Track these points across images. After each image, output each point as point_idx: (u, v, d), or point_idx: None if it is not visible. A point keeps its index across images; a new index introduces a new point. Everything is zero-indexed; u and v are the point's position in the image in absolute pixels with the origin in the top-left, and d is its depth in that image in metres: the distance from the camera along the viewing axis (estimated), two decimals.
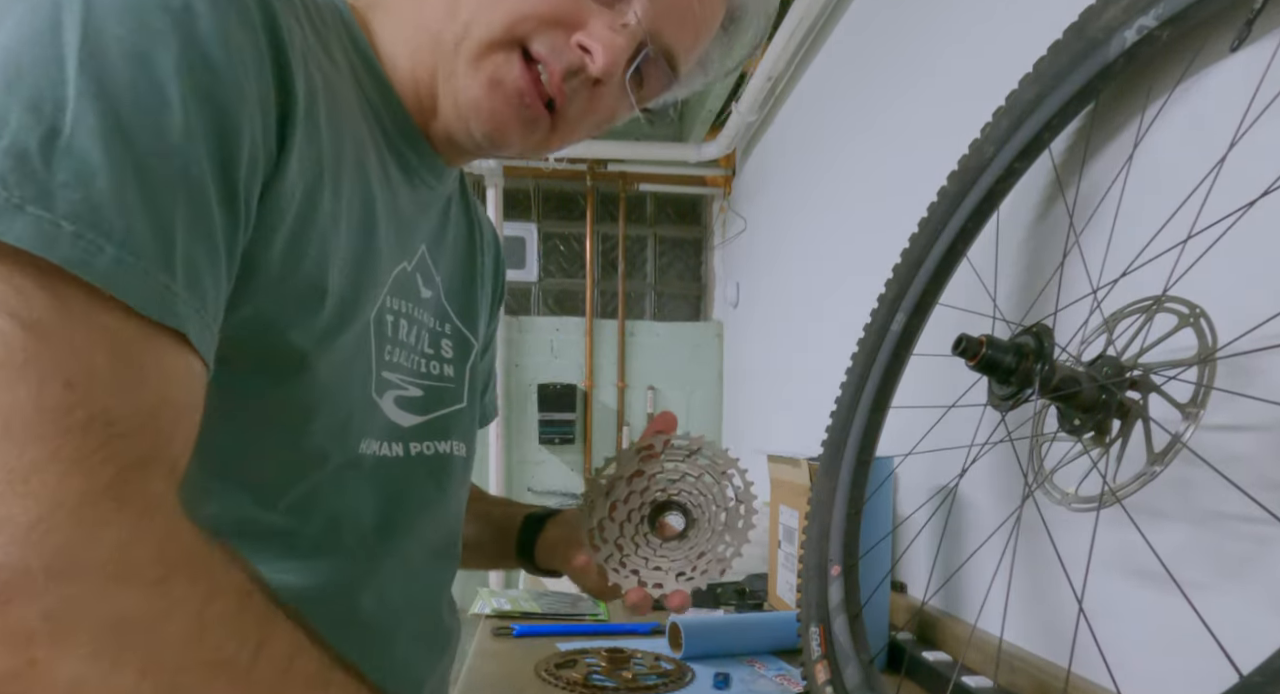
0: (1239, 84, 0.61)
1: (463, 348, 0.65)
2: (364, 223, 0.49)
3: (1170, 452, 0.55)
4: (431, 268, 0.60)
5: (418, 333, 0.58)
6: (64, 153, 0.31)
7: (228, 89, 0.36)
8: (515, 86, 0.50)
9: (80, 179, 0.31)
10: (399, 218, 0.54)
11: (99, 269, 0.31)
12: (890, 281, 0.90)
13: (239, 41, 0.37)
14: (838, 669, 0.79)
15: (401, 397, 0.56)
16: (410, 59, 0.52)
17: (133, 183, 0.32)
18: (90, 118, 0.32)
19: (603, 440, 3.15)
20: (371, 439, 0.53)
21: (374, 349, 0.52)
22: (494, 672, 0.97)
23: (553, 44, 0.49)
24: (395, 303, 0.54)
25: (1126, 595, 0.70)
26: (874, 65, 1.45)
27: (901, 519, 1.08)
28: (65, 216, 0.30)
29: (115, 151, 0.32)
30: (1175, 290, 0.58)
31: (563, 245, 3.34)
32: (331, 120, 0.45)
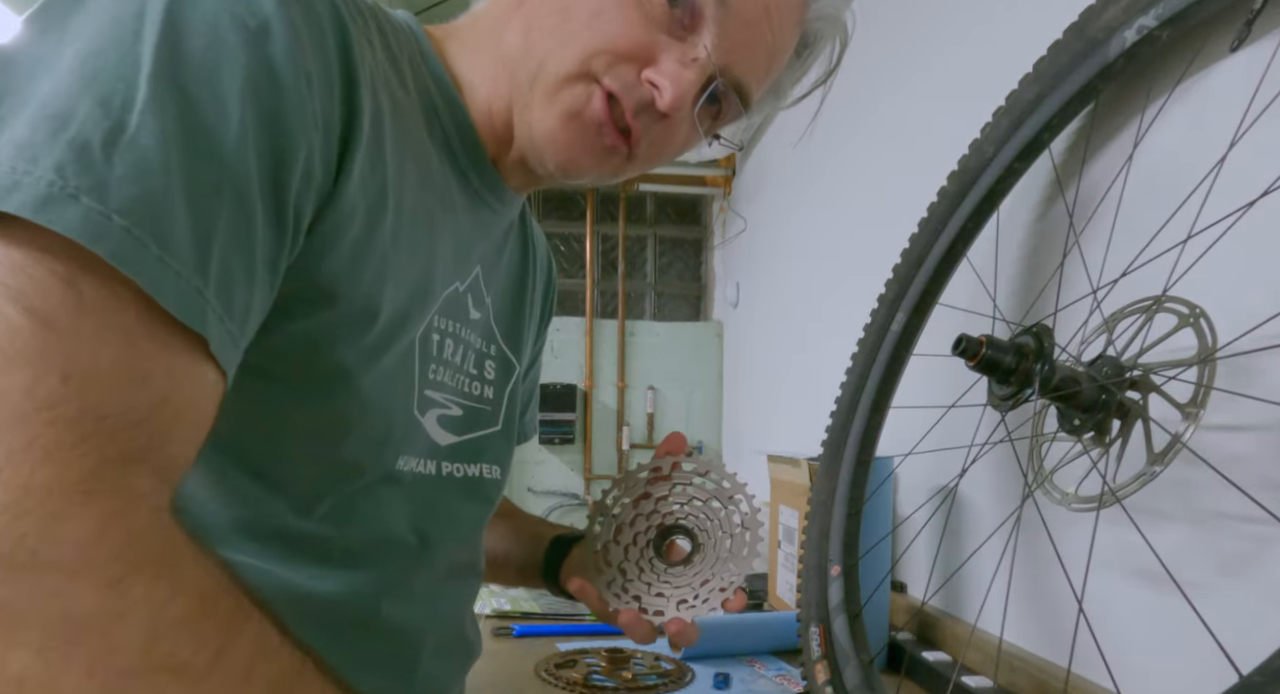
0: (1239, 84, 0.61)
1: (505, 371, 0.65)
2: (423, 245, 0.50)
3: (1170, 452, 0.55)
4: (484, 290, 0.60)
5: (464, 353, 0.59)
6: (126, 148, 0.32)
7: (289, 109, 0.37)
8: (593, 118, 0.51)
9: (137, 175, 0.32)
10: (458, 239, 0.55)
11: (140, 264, 0.32)
12: (890, 282, 0.90)
13: (309, 63, 0.38)
14: (838, 669, 0.79)
15: (444, 415, 0.57)
16: (487, 89, 0.53)
17: (181, 187, 0.33)
18: (154, 120, 0.33)
19: (602, 440, 3.15)
20: (410, 456, 0.54)
21: (418, 367, 0.53)
22: (494, 672, 0.97)
23: (624, 80, 0.50)
24: (443, 322, 0.55)
25: (1126, 595, 0.70)
26: (874, 65, 1.45)
27: (901, 519, 1.08)
28: (117, 210, 0.31)
29: (172, 155, 0.33)
30: (1175, 290, 0.58)
31: (563, 245, 3.34)
32: (397, 143, 0.46)
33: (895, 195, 1.30)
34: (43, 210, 0.30)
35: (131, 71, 0.33)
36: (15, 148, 0.31)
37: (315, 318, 0.43)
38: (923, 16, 1.23)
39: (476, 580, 0.67)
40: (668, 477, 0.62)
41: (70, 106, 0.32)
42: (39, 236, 0.30)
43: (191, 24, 0.34)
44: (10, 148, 0.31)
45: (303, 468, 0.47)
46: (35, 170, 0.30)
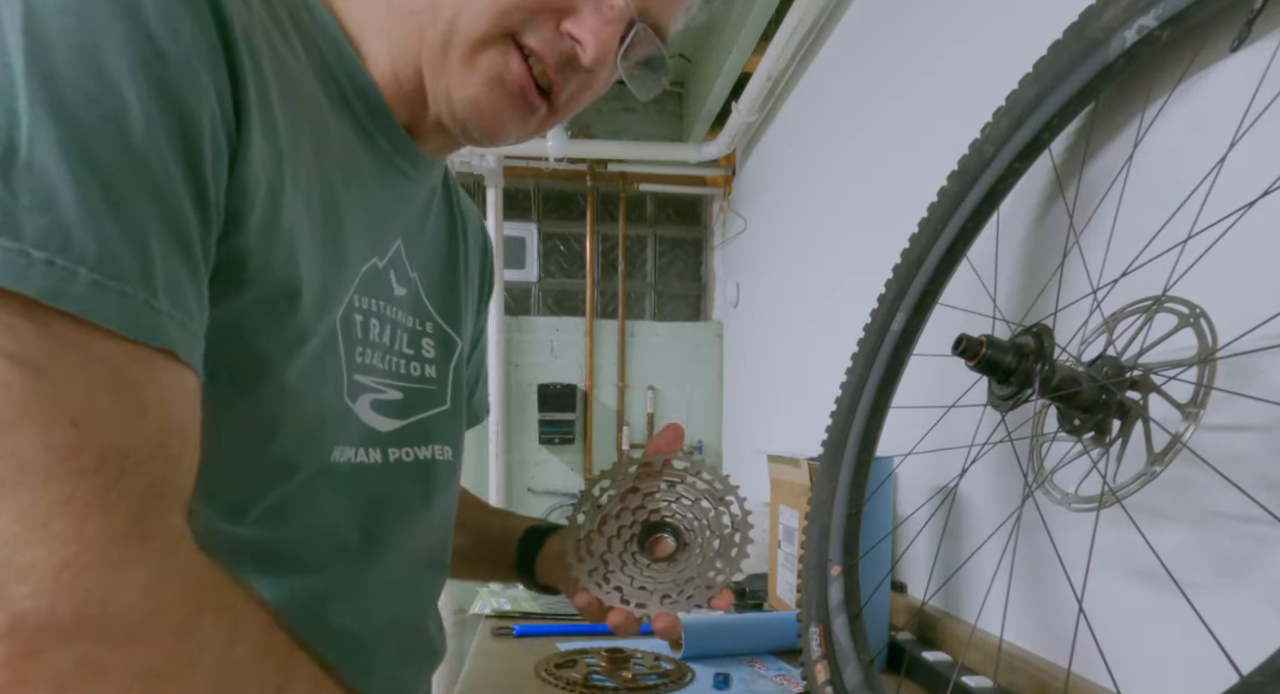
0: (1239, 84, 0.61)
1: (445, 347, 0.62)
2: (328, 218, 0.47)
3: (1170, 452, 0.55)
4: (407, 264, 0.57)
5: (393, 332, 0.55)
6: (24, 171, 0.29)
7: (182, 79, 0.34)
8: (515, 82, 0.49)
9: (45, 200, 0.29)
10: (370, 212, 0.52)
11: (75, 296, 0.30)
12: (890, 281, 0.90)
13: (187, 26, 0.34)
14: (838, 669, 0.79)
15: (379, 400, 0.54)
16: (389, 49, 0.50)
17: (99, 197, 0.31)
18: (47, 129, 0.30)
19: (602, 441, 3.15)
20: (346, 446, 0.51)
21: (343, 351, 0.49)
22: (494, 672, 0.97)
23: (542, 35, 0.48)
24: (364, 302, 0.51)
25: (1126, 595, 0.70)
26: (874, 65, 1.45)
27: (901, 519, 1.08)
28: (34, 244, 0.29)
29: (78, 164, 0.30)
30: (1175, 290, 0.58)
31: (563, 245, 3.34)
32: (287, 109, 0.43)
33: (895, 195, 1.30)
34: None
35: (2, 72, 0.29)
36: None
37: (233, 303, 0.40)
38: (923, 17, 1.23)
39: (440, 576, 0.64)
40: (658, 473, 0.61)
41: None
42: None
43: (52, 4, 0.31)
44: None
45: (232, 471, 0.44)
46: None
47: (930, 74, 1.20)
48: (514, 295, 3.25)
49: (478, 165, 2.82)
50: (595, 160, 3.07)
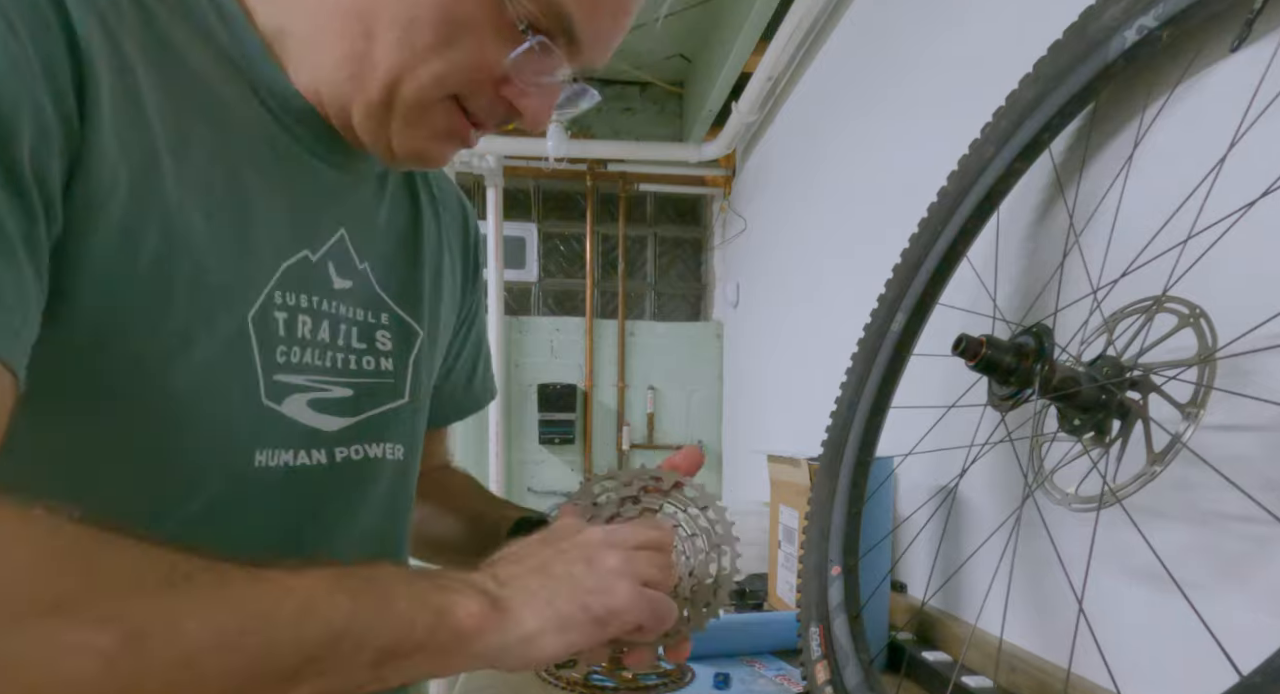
0: (1239, 84, 0.61)
1: (404, 338, 0.59)
2: (233, 212, 0.45)
3: (1170, 452, 0.55)
4: (354, 254, 0.55)
5: (332, 327, 0.53)
6: None
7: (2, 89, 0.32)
8: (457, 134, 0.50)
9: None
10: (295, 203, 0.50)
11: None
12: (890, 282, 0.90)
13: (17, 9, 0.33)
14: (838, 669, 0.79)
15: (321, 399, 0.52)
16: (313, 76, 0.48)
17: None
18: None
19: (602, 441, 3.15)
20: (276, 449, 0.49)
21: (258, 352, 0.47)
22: (494, 672, 0.97)
23: (481, 101, 0.49)
24: (289, 297, 0.49)
25: (1126, 595, 0.70)
26: (874, 65, 1.45)
27: (901, 519, 1.08)
28: None
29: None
30: (1175, 290, 0.58)
31: (563, 245, 3.34)
32: (168, 102, 0.41)
33: (895, 195, 1.30)
34: None
35: None
36: None
37: (97, 302, 0.38)
38: (923, 17, 1.23)
39: None
40: (666, 492, 0.58)
41: None
42: None
43: None
44: None
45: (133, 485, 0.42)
46: None
47: (930, 74, 1.20)
48: (514, 295, 3.25)
49: (478, 165, 2.82)
50: (595, 160, 3.07)
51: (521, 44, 0.45)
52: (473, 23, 0.45)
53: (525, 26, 0.45)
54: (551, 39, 0.46)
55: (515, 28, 0.45)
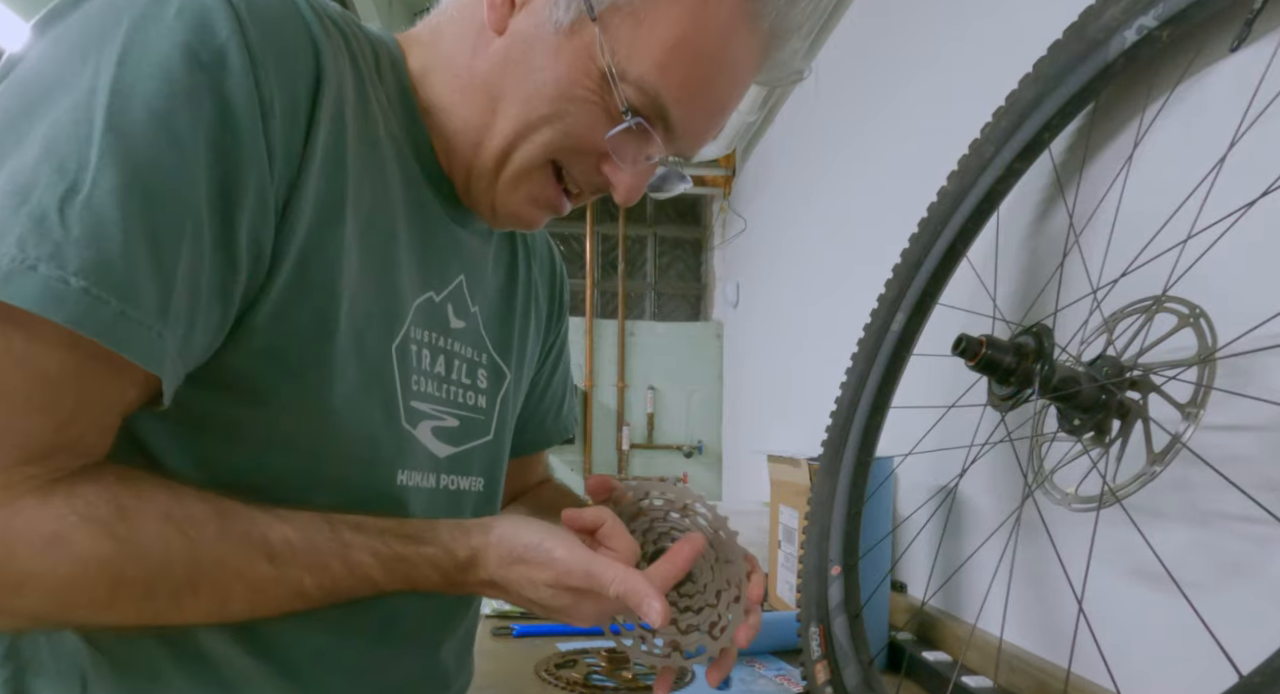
0: (1239, 84, 0.61)
1: (496, 379, 0.65)
2: (384, 254, 0.51)
3: (1170, 452, 0.55)
4: (468, 298, 0.61)
5: (448, 362, 0.59)
6: (82, 209, 0.34)
7: (242, 141, 0.39)
8: (551, 202, 0.55)
9: (93, 236, 0.35)
10: (427, 249, 0.56)
11: (101, 322, 0.35)
12: (890, 282, 0.90)
13: (267, 88, 0.40)
14: (838, 669, 0.79)
15: (439, 427, 0.58)
16: (447, 137, 0.55)
17: (140, 237, 0.36)
18: (109, 176, 0.35)
19: (602, 441, 3.16)
20: (412, 471, 0.55)
21: (399, 379, 0.53)
22: (494, 672, 0.97)
23: (582, 170, 0.54)
24: (421, 333, 0.55)
25: (1126, 595, 0.70)
26: (874, 65, 1.45)
27: (901, 519, 1.08)
28: (75, 272, 0.34)
29: (128, 207, 0.35)
30: (1175, 290, 0.58)
31: (562, 245, 3.34)
32: (357, 156, 0.48)
33: (895, 195, 1.30)
34: (5, 286, 0.33)
35: (85, 131, 0.35)
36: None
37: (273, 333, 0.44)
38: (923, 17, 1.23)
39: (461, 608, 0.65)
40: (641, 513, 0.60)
41: (32, 178, 0.34)
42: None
43: (144, 68, 0.36)
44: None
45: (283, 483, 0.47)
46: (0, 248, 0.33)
47: (930, 74, 1.20)
48: None
49: None
50: None
51: (621, 124, 0.50)
52: (583, 101, 0.50)
53: (626, 109, 0.49)
54: (650, 124, 0.50)
55: (618, 109, 0.49)
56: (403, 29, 0.58)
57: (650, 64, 0.48)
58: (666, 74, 0.48)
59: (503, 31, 0.51)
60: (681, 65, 0.49)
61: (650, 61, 0.48)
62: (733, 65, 0.51)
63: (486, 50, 0.51)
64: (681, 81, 0.49)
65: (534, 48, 0.49)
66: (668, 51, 0.48)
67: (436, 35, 0.55)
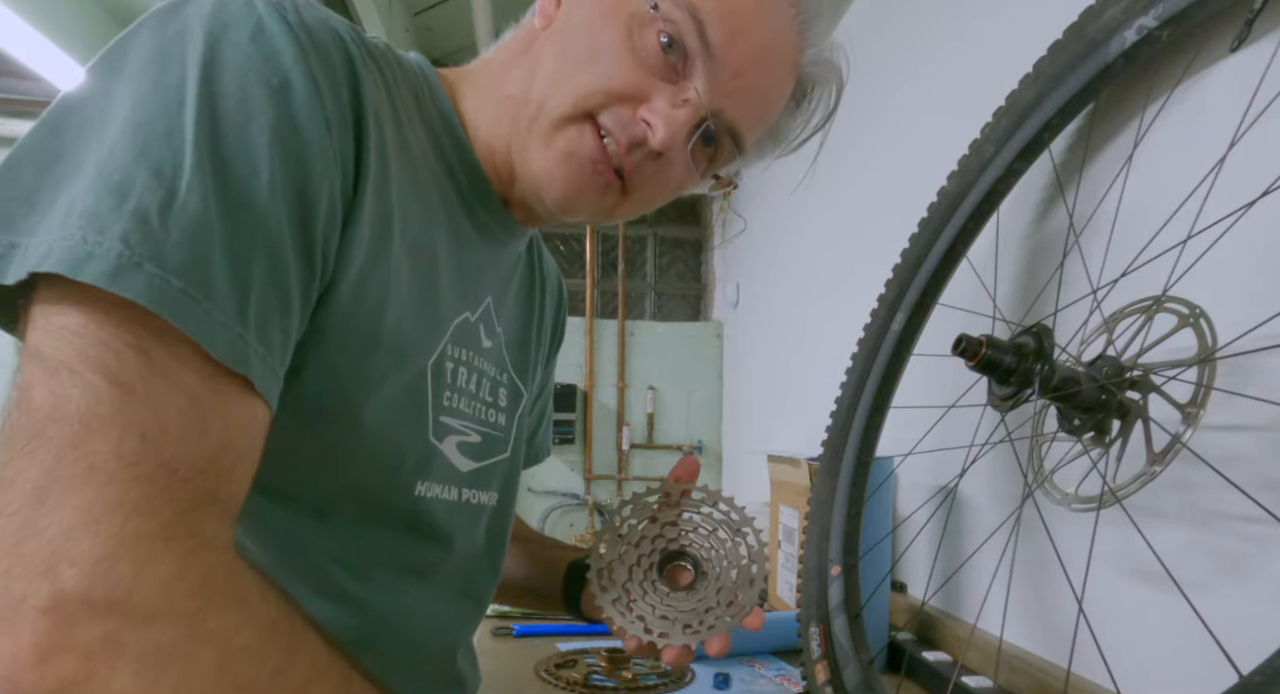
0: (1239, 84, 0.61)
1: (514, 397, 0.67)
2: (427, 274, 0.52)
3: (1170, 452, 0.55)
4: (494, 319, 0.62)
5: (478, 380, 0.60)
6: (179, 214, 0.36)
7: (313, 156, 0.41)
8: (588, 155, 0.52)
9: (189, 239, 0.36)
10: (465, 270, 0.57)
11: (195, 322, 0.36)
12: (890, 281, 0.90)
13: (328, 109, 0.42)
14: (838, 669, 0.79)
15: (464, 442, 0.59)
16: (489, 129, 0.56)
17: (222, 243, 0.37)
18: (199, 184, 0.37)
19: (602, 441, 3.15)
20: (433, 482, 0.56)
21: (431, 395, 0.54)
22: (494, 671, 0.97)
23: (618, 117, 0.52)
24: (456, 351, 0.57)
25: (1127, 596, 0.70)
26: (873, 65, 1.45)
27: (901, 519, 1.08)
28: (174, 273, 0.35)
29: (214, 215, 0.37)
30: (1175, 290, 0.58)
31: (562, 245, 3.34)
32: (401, 176, 0.49)
33: (895, 195, 1.30)
34: (115, 280, 0.34)
35: (179, 140, 0.37)
36: (84, 218, 0.34)
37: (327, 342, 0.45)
38: (922, 17, 1.23)
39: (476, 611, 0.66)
40: (676, 503, 0.62)
41: (129, 177, 0.36)
42: (109, 302, 0.34)
43: (224, 88, 0.39)
44: (78, 217, 0.34)
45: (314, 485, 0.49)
46: (104, 241, 0.34)
47: (930, 74, 1.20)
48: None
49: None
50: None
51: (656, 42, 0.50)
52: (615, 40, 0.51)
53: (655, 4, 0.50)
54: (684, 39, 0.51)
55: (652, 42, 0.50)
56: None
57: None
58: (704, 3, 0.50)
59: (549, 27, 0.54)
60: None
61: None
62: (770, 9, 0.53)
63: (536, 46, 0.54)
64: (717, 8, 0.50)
65: (572, 17, 0.53)
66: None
67: (487, 64, 0.59)
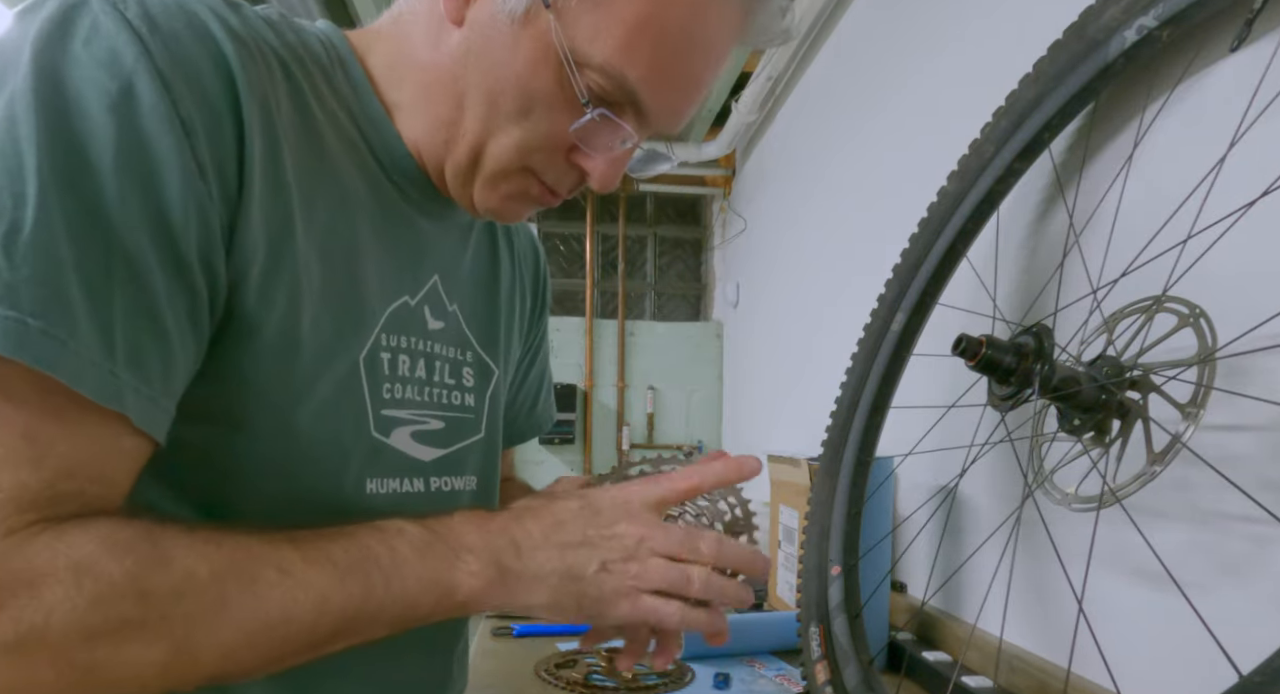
0: (1239, 84, 0.61)
1: (483, 376, 0.64)
2: (345, 266, 0.49)
3: (1170, 452, 0.55)
4: (444, 298, 0.59)
5: (428, 365, 0.58)
6: (26, 248, 0.34)
7: (166, 168, 0.38)
8: (534, 197, 0.54)
9: (39, 275, 0.34)
10: (400, 252, 0.55)
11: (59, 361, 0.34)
12: (890, 281, 0.90)
13: (183, 111, 0.38)
14: (838, 669, 0.79)
15: (420, 431, 0.57)
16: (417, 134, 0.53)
17: (75, 276, 0.35)
18: (44, 214, 0.34)
19: (602, 440, 3.15)
20: (386, 477, 0.54)
21: (368, 390, 0.52)
22: (494, 671, 0.97)
23: (557, 171, 0.52)
24: (393, 340, 0.54)
25: (1126, 595, 0.70)
26: (874, 65, 1.45)
27: (901, 519, 1.08)
28: (30, 313, 0.33)
29: (63, 246, 0.35)
30: (1175, 290, 0.58)
31: (563, 245, 3.34)
32: (302, 167, 0.46)
33: (895, 195, 1.30)
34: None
35: (15, 164, 0.34)
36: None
37: (238, 356, 0.43)
38: (923, 17, 1.23)
39: None
40: None
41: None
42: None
43: (60, 108, 0.35)
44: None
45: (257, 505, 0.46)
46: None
47: (930, 73, 1.20)
48: None
49: None
50: None
51: (584, 116, 0.48)
52: (546, 96, 0.48)
53: (587, 100, 0.47)
54: (619, 110, 0.48)
55: (581, 101, 0.47)
56: None
57: (614, 47, 0.45)
58: (632, 55, 0.45)
59: (460, 22, 0.48)
60: (648, 44, 0.45)
61: (613, 44, 0.45)
62: (706, 36, 0.47)
63: (448, 42, 0.49)
64: (649, 61, 0.46)
65: (492, 39, 0.47)
66: (631, 31, 0.45)
67: (398, 28, 0.53)
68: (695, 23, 0.46)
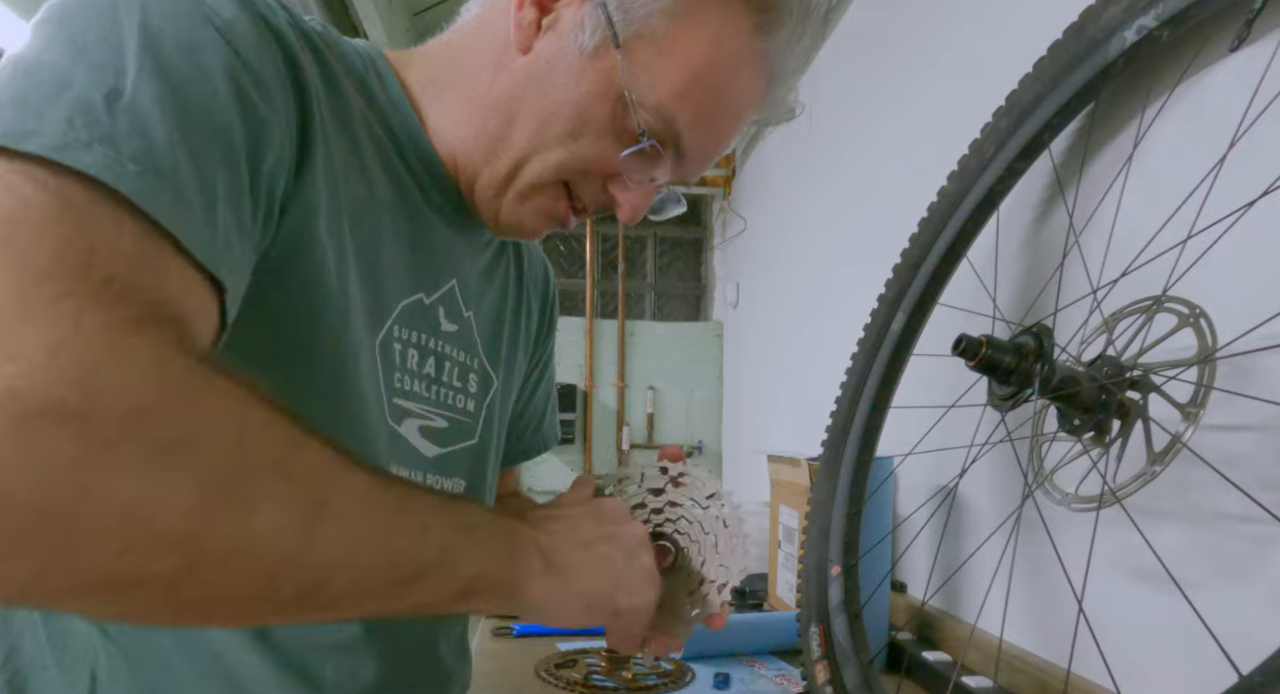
0: (1239, 84, 0.61)
1: (484, 384, 0.66)
2: (367, 253, 0.51)
3: (1170, 452, 0.55)
4: (461, 303, 0.61)
5: (438, 364, 0.59)
6: (126, 109, 0.33)
7: (262, 95, 0.40)
8: (559, 217, 0.57)
9: (140, 132, 0.33)
10: (420, 251, 0.57)
11: (161, 206, 0.32)
12: (890, 281, 0.90)
13: (270, 62, 0.41)
14: (838, 669, 0.79)
15: (426, 427, 0.58)
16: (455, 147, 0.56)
17: (183, 147, 0.35)
18: (148, 86, 0.34)
19: (602, 440, 3.15)
20: (402, 467, 0.55)
21: (382, 374, 0.53)
22: (494, 671, 0.97)
23: (590, 191, 0.55)
24: (404, 332, 0.56)
25: (1126, 595, 0.70)
26: (874, 65, 1.45)
27: (901, 519, 1.08)
28: (130, 158, 0.32)
29: (170, 118, 0.34)
30: (1175, 290, 0.58)
31: (562, 245, 3.34)
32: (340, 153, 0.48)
33: (895, 195, 1.30)
34: (61, 153, 0.30)
35: (117, 44, 0.34)
36: (14, 108, 0.31)
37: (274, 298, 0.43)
38: (923, 17, 1.23)
39: None
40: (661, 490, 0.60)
41: (66, 74, 0.33)
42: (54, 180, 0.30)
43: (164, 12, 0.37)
44: (9, 109, 0.31)
45: None
46: (43, 125, 0.30)
47: (930, 74, 1.20)
48: None
49: None
50: None
51: (637, 145, 0.52)
52: (598, 124, 0.52)
53: (643, 131, 0.51)
54: (661, 146, 0.52)
55: (634, 132, 0.51)
56: (405, 32, 0.58)
57: (669, 92, 0.51)
58: (684, 102, 0.51)
59: (528, 51, 0.52)
60: (697, 94, 0.51)
61: (670, 89, 0.51)
62: (739, 100, 0.54)
63: (509, 67, 0.53)
64: (696, 109, 0.52)
65: (557, 68, 0.51)
66: (687, 81, 0.51)
67: (448, 51, 0.57)
68: (733, 84, 0.52)
